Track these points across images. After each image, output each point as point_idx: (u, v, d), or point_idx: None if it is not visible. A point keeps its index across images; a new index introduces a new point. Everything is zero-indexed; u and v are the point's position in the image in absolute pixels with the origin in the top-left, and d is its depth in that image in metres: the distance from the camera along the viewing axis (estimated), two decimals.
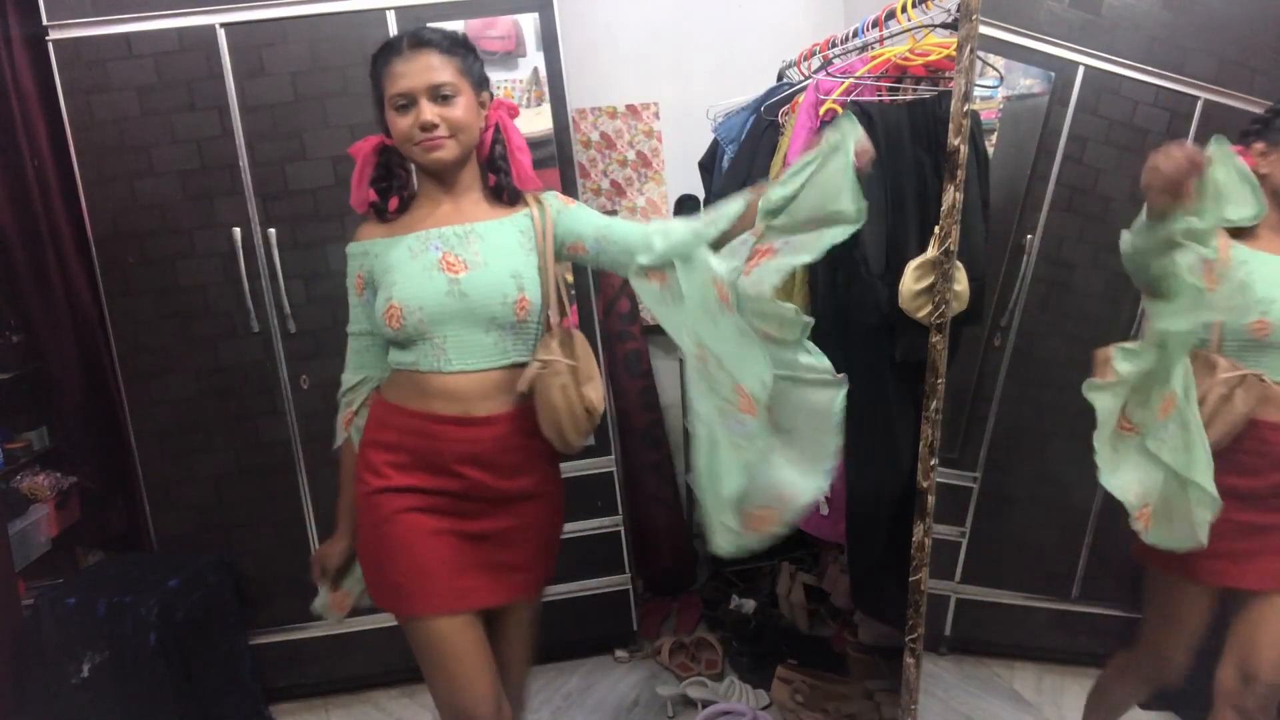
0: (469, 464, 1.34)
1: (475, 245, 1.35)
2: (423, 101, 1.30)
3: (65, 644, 2.03)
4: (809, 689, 2.33)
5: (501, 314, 1.33)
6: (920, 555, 1.79)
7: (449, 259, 1.33)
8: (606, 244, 1.42)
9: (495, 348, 1.35)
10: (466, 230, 1.37)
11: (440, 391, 1.34)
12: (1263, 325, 1.46)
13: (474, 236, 1.36)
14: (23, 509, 2.27)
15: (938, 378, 1.71)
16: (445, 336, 1.32)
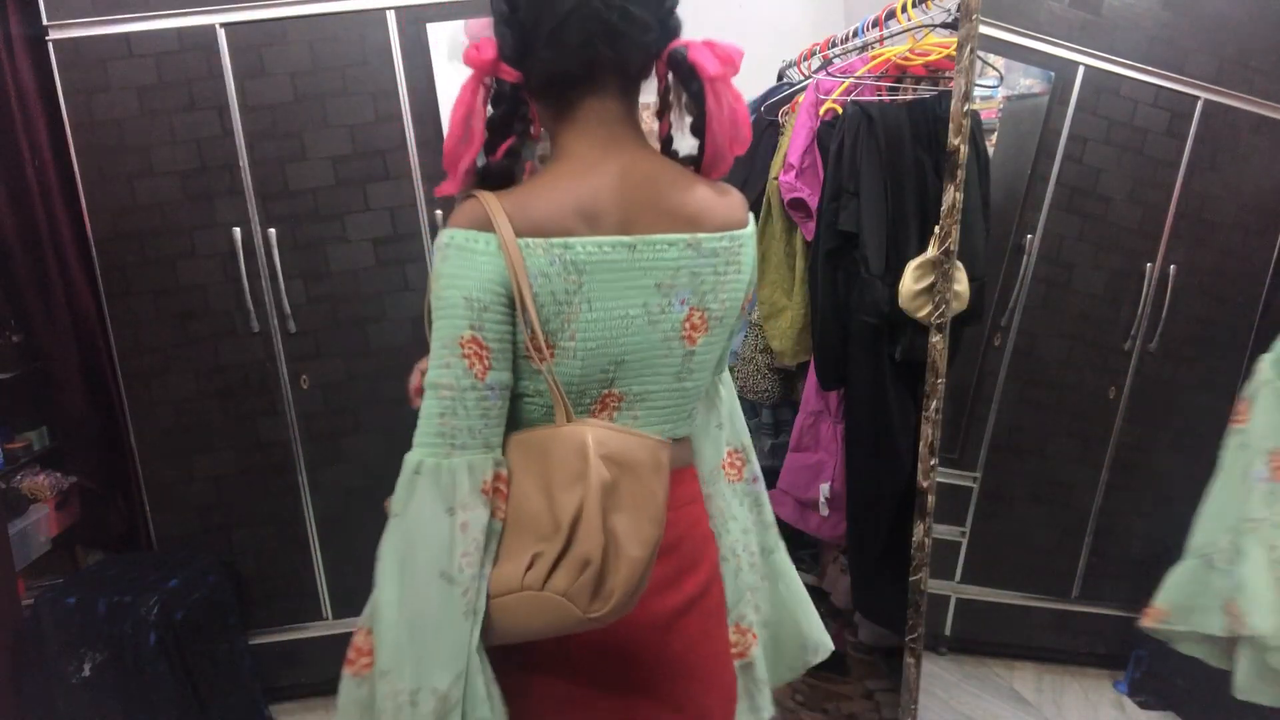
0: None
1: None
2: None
3: (65, 644, 2.03)
4: (809, 689, 2.33)
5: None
6: (920, 555, 1.80)
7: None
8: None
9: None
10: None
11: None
12: None
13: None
14: (23, 509, 2.27)
15: (938, 378, 1.71)
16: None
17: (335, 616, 2.45)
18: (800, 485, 2.19)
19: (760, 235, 2.20)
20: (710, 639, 0.99)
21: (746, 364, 2.41)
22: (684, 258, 0.89)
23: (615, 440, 0.83)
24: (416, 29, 2.19)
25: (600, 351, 0.86)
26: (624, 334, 0.87)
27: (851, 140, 1.80)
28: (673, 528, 0.90)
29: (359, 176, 2.24)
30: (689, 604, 0.95)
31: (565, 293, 0.84)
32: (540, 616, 0.83)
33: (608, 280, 0.85)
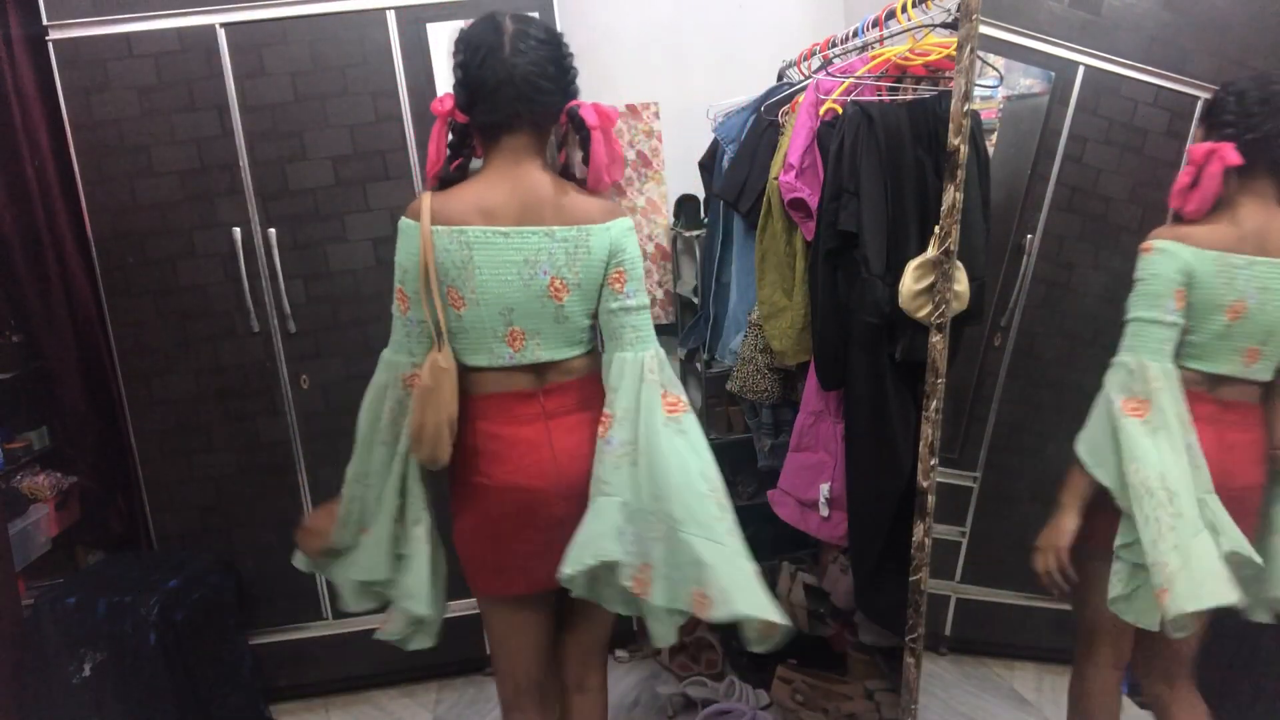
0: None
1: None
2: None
3: (65, 644, 2.03)
4: (809, 689, 2.33)
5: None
6: (920, 555, 1.79)
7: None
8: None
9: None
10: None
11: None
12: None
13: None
14: (23, 509, 2.27)
15: (938, 378, 1.71)
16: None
17: (335, 616, 2.45)
18: (800, 485, 2.19)
19: (760, 235, 2.19)
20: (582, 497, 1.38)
21: (746, 364, 2.41)
22: (542, 243, 1.33)
23: (435, 360, 1.33)
24: (416, 29, 2.20)
25: (493, 302, 1.33)
26: (508, 292, 1.33)
27: (851, 140, 1.80)
28: (600, 402, 1.39)
29: (359, 176, 2.24)
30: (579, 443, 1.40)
31: (460, 262, 1.31)
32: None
33: (490, 255, 1.32)
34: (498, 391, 1.38)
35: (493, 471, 1.38)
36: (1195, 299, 1.46)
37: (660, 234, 3.07)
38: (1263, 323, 1.46)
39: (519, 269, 1.32)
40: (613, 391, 1.36)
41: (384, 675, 2.56)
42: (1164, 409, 1.42)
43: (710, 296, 2.64)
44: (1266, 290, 1.45)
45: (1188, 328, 1.48)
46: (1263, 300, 1.45)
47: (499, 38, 1.31)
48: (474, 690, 2.55)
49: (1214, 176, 1.45)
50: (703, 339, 2.74)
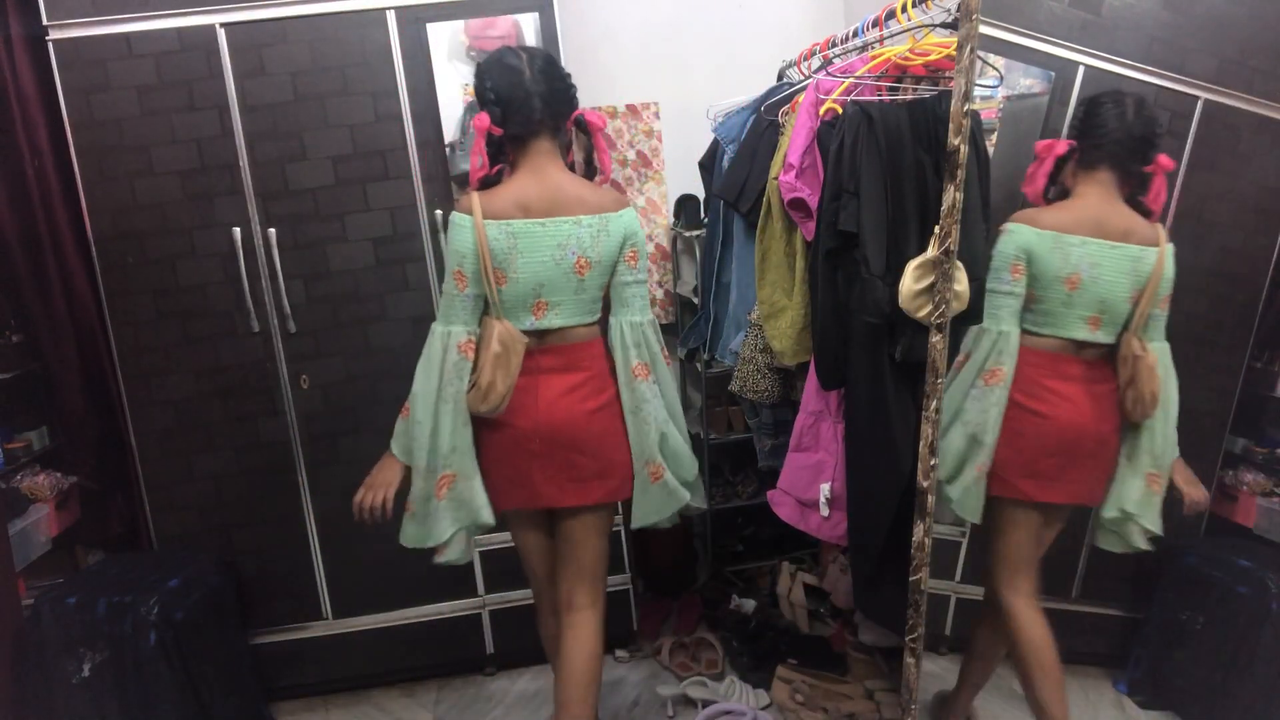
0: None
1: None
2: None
3: (65, 644, 2.03)
4: (809, 689, 2.33)
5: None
6: (920, 555, 1.80)
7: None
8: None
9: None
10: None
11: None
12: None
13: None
14: (23, 509, 2.27)
15: (938, 378, 1.71)
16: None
17: (335, 616, 2.46)
18: (801, 485, 2.19)
19: (760, 235, 2.20)
20: (607, 434, 1.74)
21: (746, 364, 2.41)
22: (571, 230, 1.65)
23: (505, 331, 1.65)
24: (416, 29, 2.20)
25: (530, 279, 1.65)
26: (541, 270, 1.65)
27: (851, 140, 1.80)
28: (584, 367, 1.73)
29: (359, 176, 2.24)
30: (593, 410, 1.72)
31: (507, 249, 1.63)
32: (472, 407, 1.68)
33: (530, 242, 1.63)
34: None
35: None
36: (1036, 271, 1.75)
37: (660, 234, 3.08)
38: (1096, 293, 1.75)
39: (552, 252, 1.64)
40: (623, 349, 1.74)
41: (384, 675, 2.56)
42: (1008, 371, 1.78)
43: (710, 296, 2.64)
44: (1097, 265, 1.73)
45: (1034, 296, 1.77)
46: (1095, 274, 1.74)
47: (520, 64, 1.63)
48: (474, 690, 2.55)
49: (1046, 167, 1.81)
50: (703, 339, 2.74)
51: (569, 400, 1.70)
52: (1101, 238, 1.74)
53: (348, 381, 2.33)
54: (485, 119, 1.63)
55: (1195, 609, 2.23)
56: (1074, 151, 1.80)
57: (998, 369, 1.77)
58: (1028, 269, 1.76)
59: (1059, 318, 1.78)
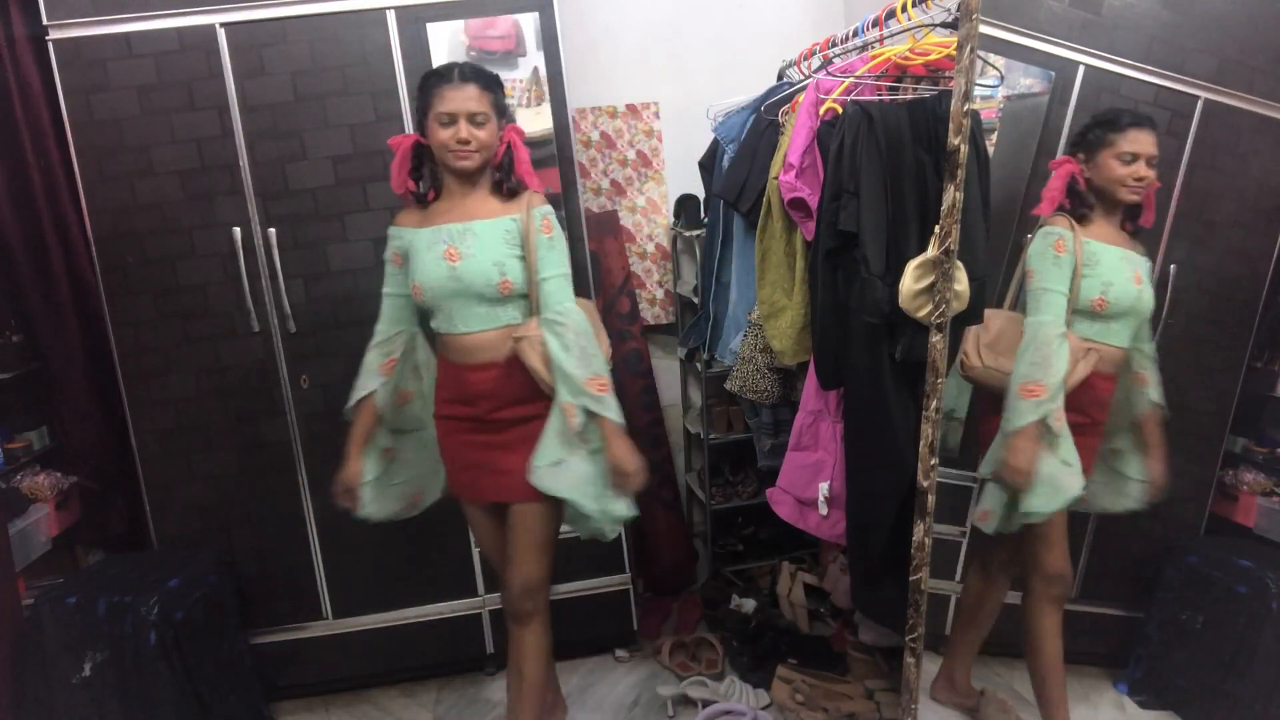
0: (480, 397, 1.78)
1: (470, 240, 1.74)
2: (462, 122, 1.68)
3: (65, 644, 2.03)
4: (809, 689, 2.33)
5: (487, 291, 1.72)
6: (920, 555, 1.80)
7: (451, 250, 1.73)
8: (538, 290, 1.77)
9: (486, 315, 1.75)
10: (465, 228, 1.75)
11: (454, 346, 1.78)
12: (1101, 302, 1.86)
13: (470, 234, 1.74)
14: (23, 509, 2.27)
15: (938, 377, 1.71)
16: (452, 307, 1.75)
17: (335, 616, 2.45)
18: (800, 484, 2.19)
19: (760, 235, 2.20)
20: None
21: (746, 364, 2.41)
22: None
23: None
24: (416, 29, 2.20)
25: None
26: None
27: (851, 140, 1.80)
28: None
29: (359, 176, 2.24)
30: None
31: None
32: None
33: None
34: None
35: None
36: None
37: (660, 234, 3.08)
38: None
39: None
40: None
41: (384, 675, 2.56)
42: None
43: (710, 296, 2.64)
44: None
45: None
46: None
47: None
48: (474, 690, 2.55)
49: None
50: (703, 339, 2.74)
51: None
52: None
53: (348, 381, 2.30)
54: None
55: (1195, 609, 2.23)
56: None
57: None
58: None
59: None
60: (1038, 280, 1.85)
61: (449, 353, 1.80)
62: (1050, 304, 1.83)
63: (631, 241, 3.05)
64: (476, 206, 1.77)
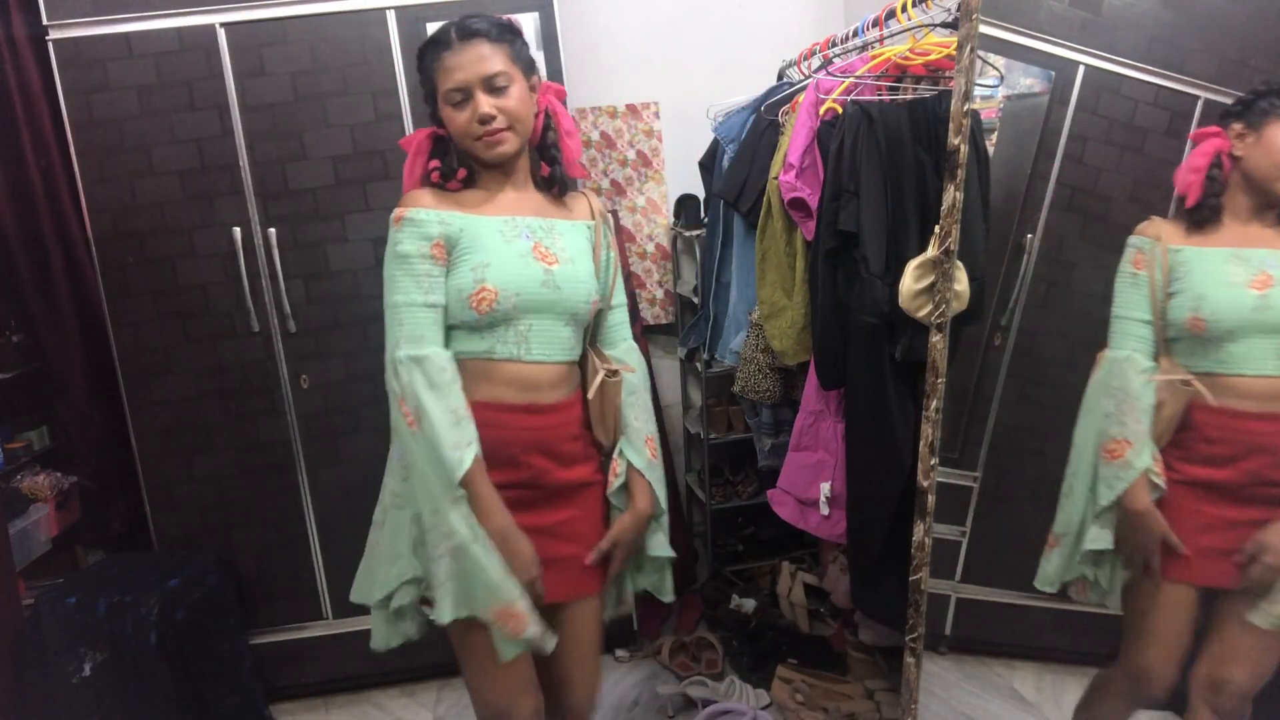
0: (535, 452, 1.33)
1: (560, 241, 1.36)
2: (478, 94, 1.27)
3: (65, 644, 2.03)
4: (809, 689, 2.33)
5: (583, 310, 1.36)
6: (920, 555, 1.79)
7: (540, 249, 1.32)
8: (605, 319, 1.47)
9: (570, 341, 1.37)
10: (550, 225, 1.36)
11: (514, 379, 1.32)
12: (1197, 322, 1.48)
13: (557, 233, 1.36)
14: (23, 509, 2.27)
15: (938, 377, 1.71)
16: (530, 325, 1.31)
17: (335, 616, 2.45)
18: (800, 485, 2.19)
19: (760, 235, 2.20)
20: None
21: (747, 364, 2.41)
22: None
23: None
24: (416, 29, 2.20)
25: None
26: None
27: (851, 140, 1.80)
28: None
29: (359, 176, 2.24)
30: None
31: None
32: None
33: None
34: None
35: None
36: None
37: (660, 234, 3.08)
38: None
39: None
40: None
41: (384, 675, 2.56)
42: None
43: (710, 296, 2.64)
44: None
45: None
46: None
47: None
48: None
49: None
50: (703, 339, 2.74)
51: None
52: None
53: (348, 381, 2.33)
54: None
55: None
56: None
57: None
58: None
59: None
60: (1117, 305, 1.58)
61: (492, 387, 1.31)
62: (1126, 334, 1.55)
63: (632, 241, 3.05)
64: (531, 201, 1.38)
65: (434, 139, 1.37)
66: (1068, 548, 1.61)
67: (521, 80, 1.30)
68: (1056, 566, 1.63)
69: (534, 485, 1.34)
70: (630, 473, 1.40)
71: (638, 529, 1.41)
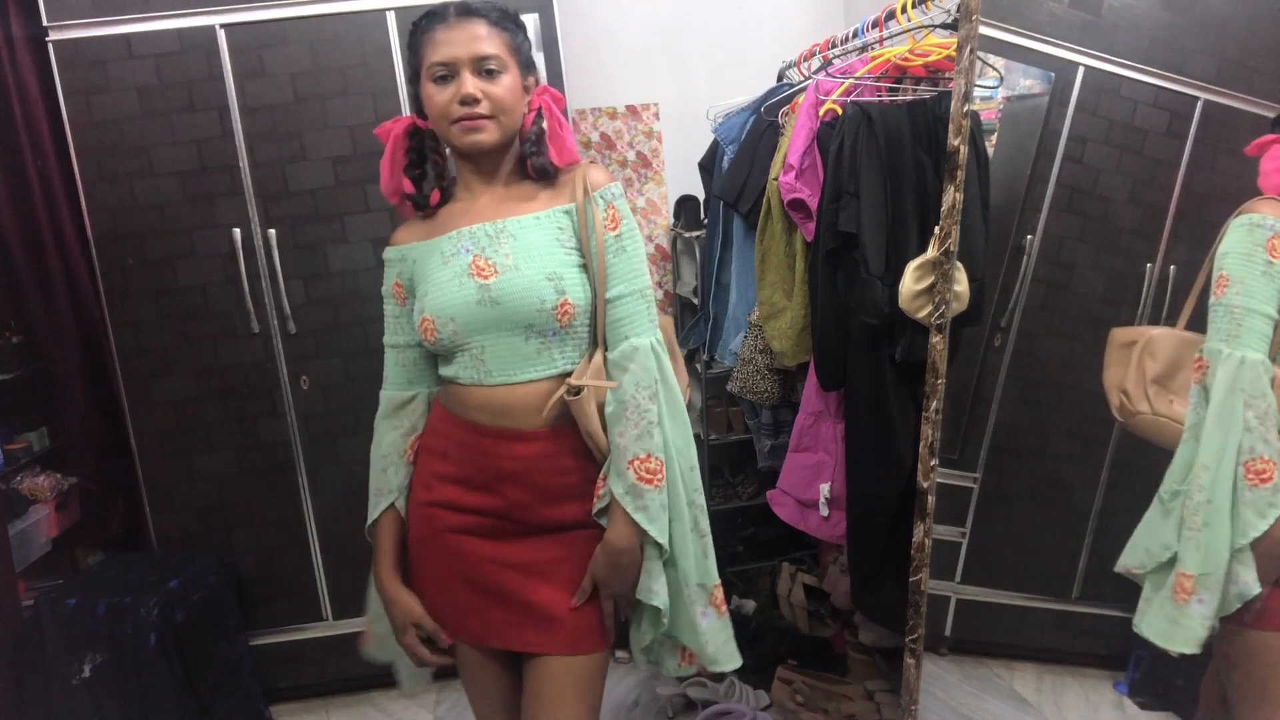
0: (511, 482, 1.21)
1: (506, 246, 1.21)
2: (465, 73, 1.15)
3: (65, 644, 2.03)
4: (809, 690, 2.33)
5: (541, 319, 1.19)
6: (920, 555, 1.79)
7: (479, 263, 1.20)
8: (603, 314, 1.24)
9: (538, 357, 1.21)
10: (498, 229, 1.22)
11: (483, 404, 1.22)
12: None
13: (505, 235, 1.21)
14: (23, 510, 2.27)
15: (938, 378, 1.71)
16: (483, 347, 1.20)
17: (335, 617, 2.45)
18: (800, 486, 2.19)
19: (760, 236, 2.19)
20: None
21: (746, 365, 2.41)
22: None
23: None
24: None
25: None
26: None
27: (851, 141, 1.80)
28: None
29: (359, 177, 2.24)
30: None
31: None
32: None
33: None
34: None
35: None
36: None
37: (660, 234, 3.08)
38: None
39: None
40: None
41: (384, 675, 2.54)
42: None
43: (710, 297, 2.64)
44: None
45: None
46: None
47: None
48: None
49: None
50: (703, 340, 2.74)
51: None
52: None
53: (348, 382, 2.33)
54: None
55: None
56: None
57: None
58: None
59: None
60: (1238, 294, 1.31)
61: (466, 410, 1.23)
62: (1255, 331, 1.30)
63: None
64: (509, 200, 1.25)
65: (411, 133, 1.28)
66: (1215, 592, 1.32)
67: (515, 72, 1.20)
68: (1204, 619, 1.33)
69: (509, 518, 1.22)
70: (612, 501, 1.20)
71: (610, 565, 1.20)
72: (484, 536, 1.23)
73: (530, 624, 1.22)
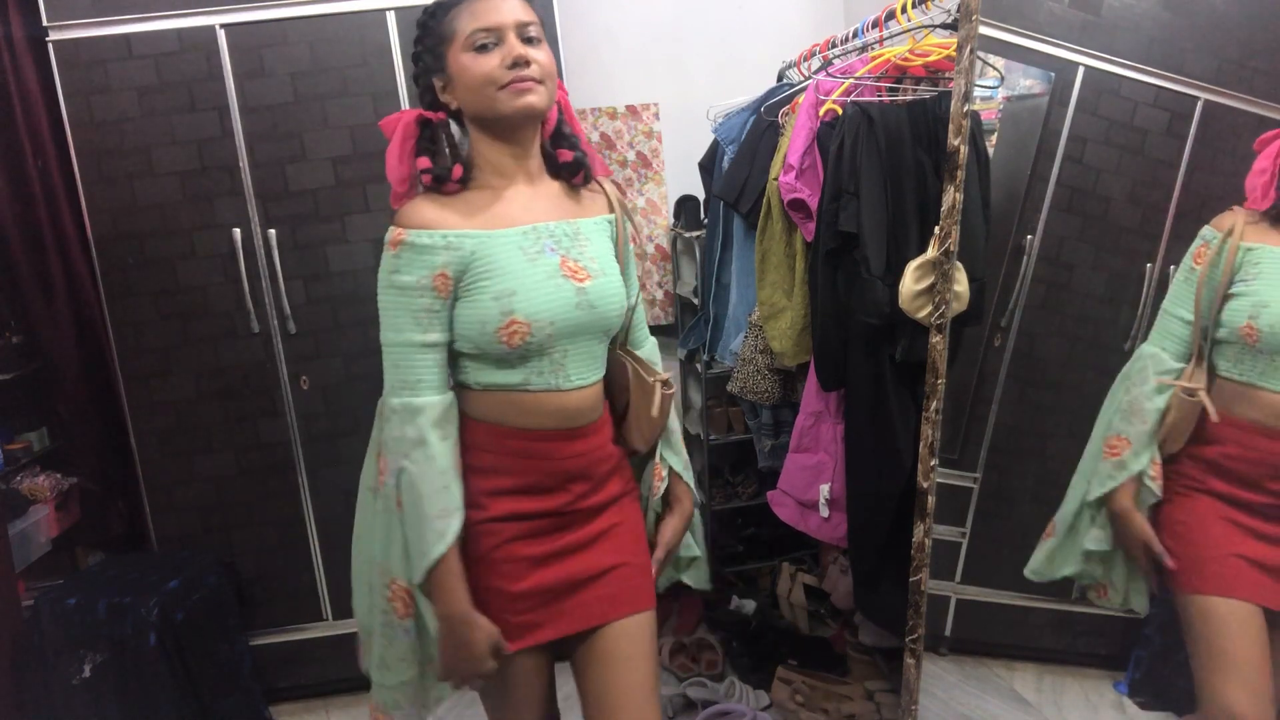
0: (577, 480, 1.22)
1: (587, 248, 1.19)
2: (511, 36, 1.10)
3: (65, 644, 2.03)
4: (809, 690, 2.33)
5: (617, 324, 1.23)
6: (920, 555, 1.79)
7: (569, 264, 1.16)
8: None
9: (603, 356, 1.26)
10: (574, 229, 1.19)
11: (557, 410, 1.18)
12: (1251, 330, 1.37)
13: (582, 238, 1.19)
14: (23, 510, 2.27)
15: (938, 378, 1.71)
16: (565, 351, 1.17)
17: (335, 617, 2.45)
18: (800, 486, 2.19)
19: (760, 236, 2.20)
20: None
21: (746, 365, 2.41)
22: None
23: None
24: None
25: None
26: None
27: (851, 141, 1.80)
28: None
29: (359, 177, 2.24)
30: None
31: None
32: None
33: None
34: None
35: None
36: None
37: (660, 234, 3.08)
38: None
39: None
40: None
41: None
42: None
43: (710, 297, 2.64)
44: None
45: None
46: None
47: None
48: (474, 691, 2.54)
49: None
50: (703, 340, 2.74)
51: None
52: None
53: (348, 382, 2.33)
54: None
55: None
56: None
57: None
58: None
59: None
60: (1167, 297, 1.49)
61: (527, 417, 1.18)
62: (1163, 330, 1.48)
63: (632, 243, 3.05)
64: (555, 199, 1.22)
65: (421, 123, 1.19)
66: (1059, 539, 1.64)
67: (549, 49, 1.15)
68: (1045, 556, 1.67)
69: (570, 511, 1.22)
70: (671, 476, 1.37)
71: (682, 532, 1.40)
72: (548, 535, 1.21)
73: (611, 593, 1.24)
